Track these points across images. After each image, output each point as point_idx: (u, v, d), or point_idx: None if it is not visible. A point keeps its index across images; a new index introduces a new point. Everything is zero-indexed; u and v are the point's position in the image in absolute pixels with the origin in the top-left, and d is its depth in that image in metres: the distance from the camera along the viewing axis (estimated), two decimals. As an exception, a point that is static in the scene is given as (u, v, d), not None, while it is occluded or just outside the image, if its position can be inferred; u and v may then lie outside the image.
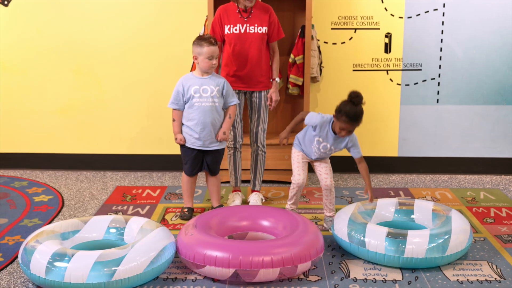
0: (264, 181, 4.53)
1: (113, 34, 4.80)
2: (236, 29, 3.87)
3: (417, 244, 3.06)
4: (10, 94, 4.92)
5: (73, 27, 4.79)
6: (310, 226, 3.17)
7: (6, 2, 4.74)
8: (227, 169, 4.29)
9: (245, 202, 4.18)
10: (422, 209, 3.55)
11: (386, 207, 3.61)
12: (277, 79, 4.01)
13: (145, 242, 2.98)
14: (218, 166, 3.91)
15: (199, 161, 3.84)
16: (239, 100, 3.97)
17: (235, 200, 4.10)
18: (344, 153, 4.92)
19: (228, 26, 3.88)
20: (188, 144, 3.78)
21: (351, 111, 3.34)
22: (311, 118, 3.55)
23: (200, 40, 3.62)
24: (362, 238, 3.16)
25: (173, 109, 3.76)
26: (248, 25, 3.86)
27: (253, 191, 4.17)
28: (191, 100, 3.70)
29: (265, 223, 3.38)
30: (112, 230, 3.28)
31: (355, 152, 3.55)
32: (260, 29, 3.87)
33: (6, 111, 4.95)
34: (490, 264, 3.20)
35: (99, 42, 4.82)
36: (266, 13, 3.88)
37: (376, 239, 3.13)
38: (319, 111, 4.82)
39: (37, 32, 4.81)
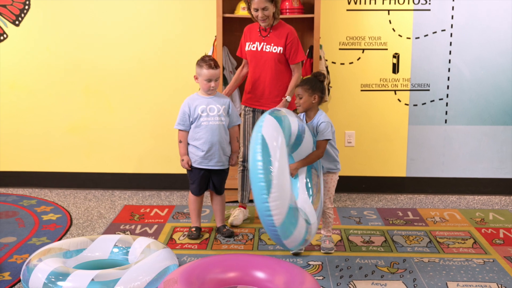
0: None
1: (122, 55, 4.84)
2: (254, 47, 3.95)
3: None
4: (20, 113, 4.96)
5: (83, 47, 4.84)
6: (307, 278, 2.78)
7: (17, 22, 4.80)
8: (234, 189, 4.28)
9: (250, 219, 4.17)
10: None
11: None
12: (288, 98, 4.00)
13: (145, 263, 2.94)
14: (224, 185, 3.93)
15: (206, 181, 3.85)
16: (252, 118, 4.02)
17: (238, 215, 4.09)
18: (352, 173, 4.95)
19: (248, 43, 3.98)
20: (194, 164, 3.79)
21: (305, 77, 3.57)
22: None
23: (201, 61, 3.69)
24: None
25: (179, 130, 3.78)
26: (265, 43, 3.93)
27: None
28: (198, 120, 3.72)
29: (259, 274, 2.87)
30: (116, 250, 3.27)
31: (320, 135, 3.47)
32: (275, 49, 3.91)
33: (16, 130, 4.98)
34: (499, 286, 3.18)
35: (109, 63, 4.86)
36: (284, 34, 3.91)
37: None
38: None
39: (47, 52, 4.86)
